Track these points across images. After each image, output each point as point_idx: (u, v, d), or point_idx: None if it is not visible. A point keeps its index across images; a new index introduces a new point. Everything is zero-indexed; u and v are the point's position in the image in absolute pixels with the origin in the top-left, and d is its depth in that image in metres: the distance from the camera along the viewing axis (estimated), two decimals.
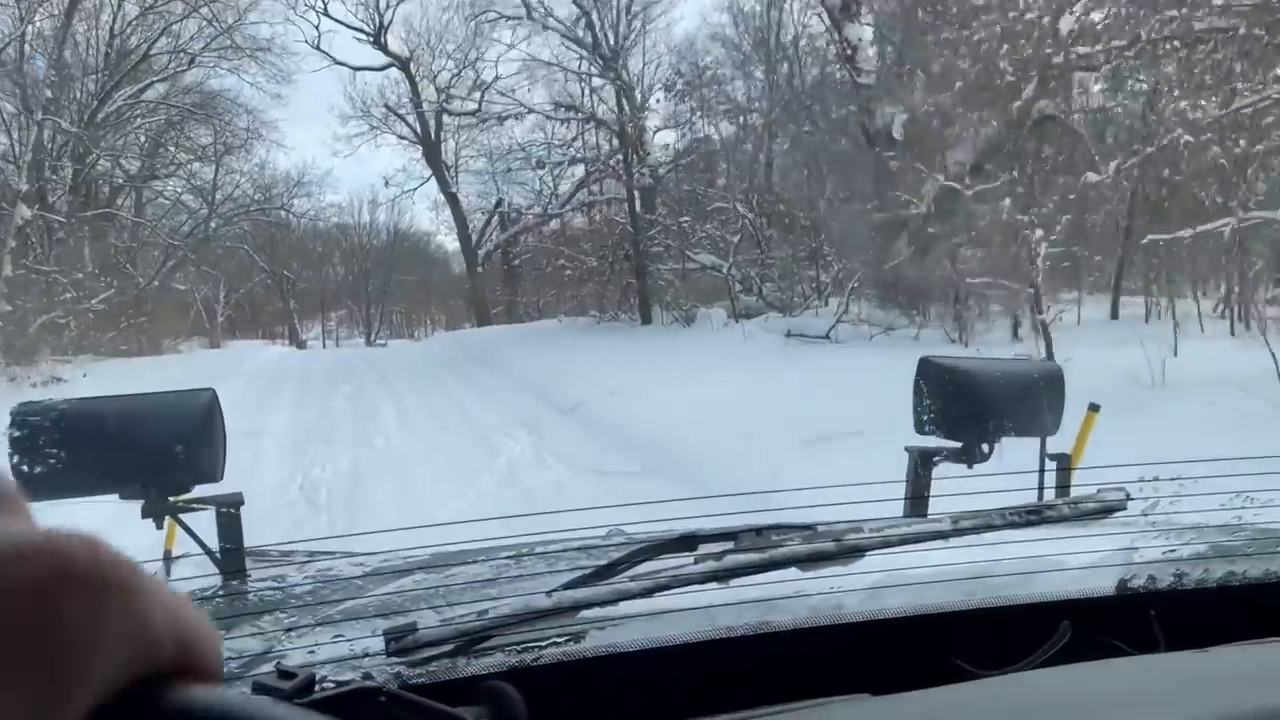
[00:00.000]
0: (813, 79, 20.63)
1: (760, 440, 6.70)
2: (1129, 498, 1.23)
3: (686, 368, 11.46)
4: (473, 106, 29.15)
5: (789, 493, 1.79)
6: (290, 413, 11.19)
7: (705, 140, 21.83)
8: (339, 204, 53.50)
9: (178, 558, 1.56)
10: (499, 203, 34.06)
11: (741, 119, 21.34)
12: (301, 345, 49.82)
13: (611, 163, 21.76)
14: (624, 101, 20.78)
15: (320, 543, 1.57)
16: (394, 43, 32.09)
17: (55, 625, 0.23)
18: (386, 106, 33.92)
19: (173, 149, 30.44)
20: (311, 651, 0.89)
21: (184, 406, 1.37)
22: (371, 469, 7.59)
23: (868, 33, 14.86)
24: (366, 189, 71.15)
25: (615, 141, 21.30)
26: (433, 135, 33.15)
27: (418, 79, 32.26)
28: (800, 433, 6.77)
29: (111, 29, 26.49)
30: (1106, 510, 1.20)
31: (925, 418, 1.61)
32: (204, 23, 27.45)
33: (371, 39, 31.88)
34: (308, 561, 1.47)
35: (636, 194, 20.06)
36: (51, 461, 1.25)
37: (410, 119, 33.34)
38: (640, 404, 9.20)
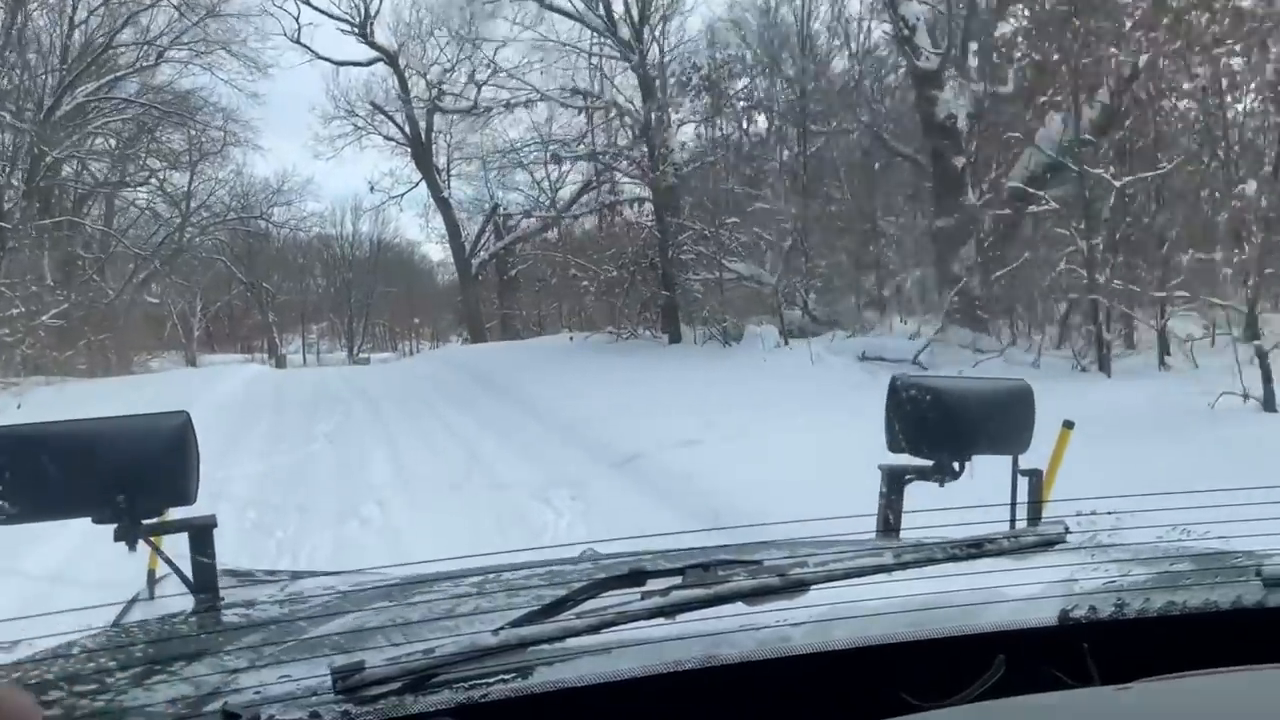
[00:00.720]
0: (856, 65, 18.41)
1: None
2: (1068, 530, 1.27)
3: (763, 401, 9.39)
4: (468, 103, 26.87)
5: (768, 526, 2.09)
6: (257, 463, 8.96)
7: (737, 133, 19.63)
8: (321, 212, 51.99)
9: (162, 577, 1.57)
10: (494, 208, 32.53)
11: (776, 110, 18.96)
12: (281, 362, 48.58)
13: (634, 157, 18.99)
14: (648, 88, 18.35)
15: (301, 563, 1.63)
16: (381, 35, 30.30)
17: None
18: (372, 104, 31.98)
19: (143, 154, 29.15)
20: (257, 692, 0.90)
21: (157, 428, 1.40)
22: (361, 558, 5.39)
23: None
24: (350, 196, 69.70)
25: (635, 133, 18.77)
26: (423, 136, 31.41)
27: (407, 74, 30.49)
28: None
29: (71, 19, 24.94)
30: (1047, 543, 1.23)
31: (897, 436, 1.65)
32: (174, 14, 26.00)
33: (356, 31, 29.95)
34: (284, 582, 1.51)
35: (656, 193, 17.78)
36: (21, 484, 1.28)
37: (399, 118, 31.60)
38: (730, 458, 7.04)
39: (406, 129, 31.52)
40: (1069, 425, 2.22)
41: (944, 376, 1.81)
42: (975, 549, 1.15)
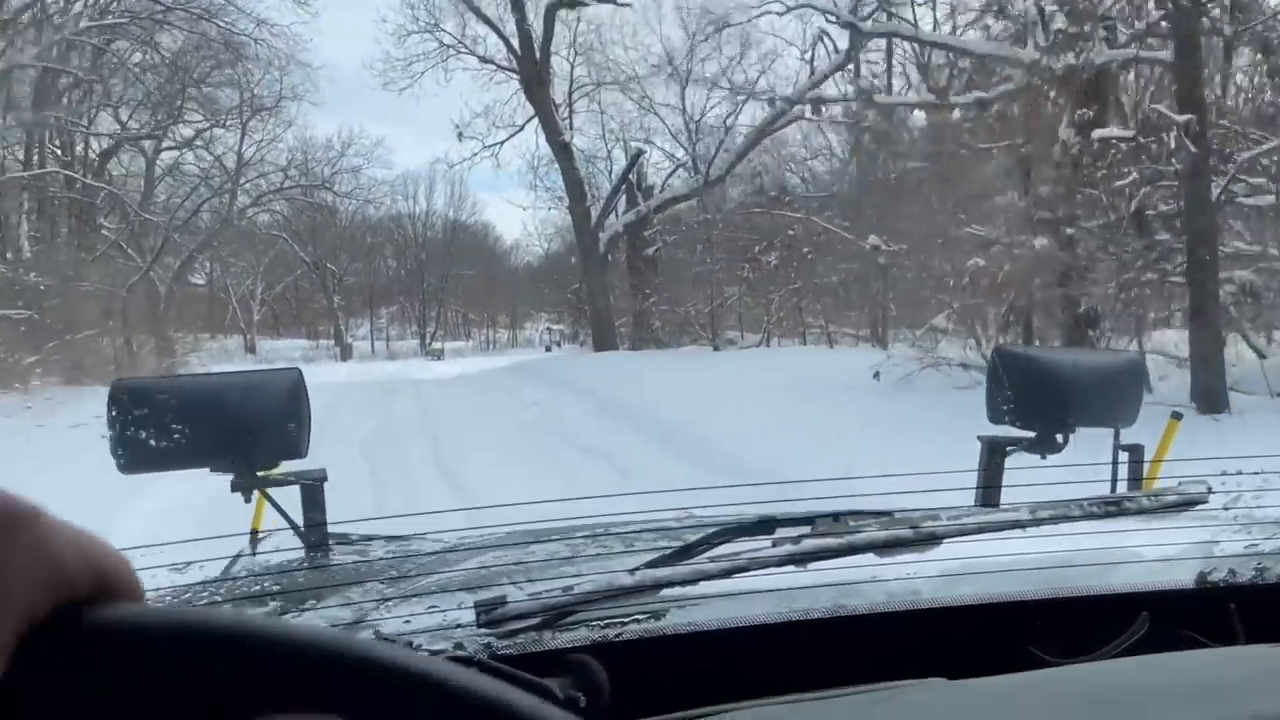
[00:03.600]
0: None
1: None
2: (1210, 491, 1.32)
3: None
4: None
5: (859, 480, 1.96)
6: None
7: None
8: (391, 181, 50.70)
9: (264, 536, 1.76)
10: (636, 156, 27.00)
11: None
12: (346, 353, 49.32)
13: None
14: None
15: (398, 524, 1.67)
16: None
17: None
18: (471, 6, 25.42)
19: (180, 103, 26.65)
20: (407, 621, 1.02)
21: (272, 384, 1.57)
22: None
23: None
24: (425, 163, 68.36)
25: None
26: (536, 51, 24.94)
27: None
28: None
29: None
30: (1187, 503, 1.29)
31: (1000, 407, 1.73)
32: None
33: None
34: (388, 541, 1.62)
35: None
36: (146, 436, 1.44)
37: (507, 26, 25.10)
38: None
39: (515, 43, 25.14)
40: (1177, 416, 2.29)
41: (1048, 347, 1.69)
42: (1113, 507, 1.23)
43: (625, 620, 1.02)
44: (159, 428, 1.45)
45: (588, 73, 27.79)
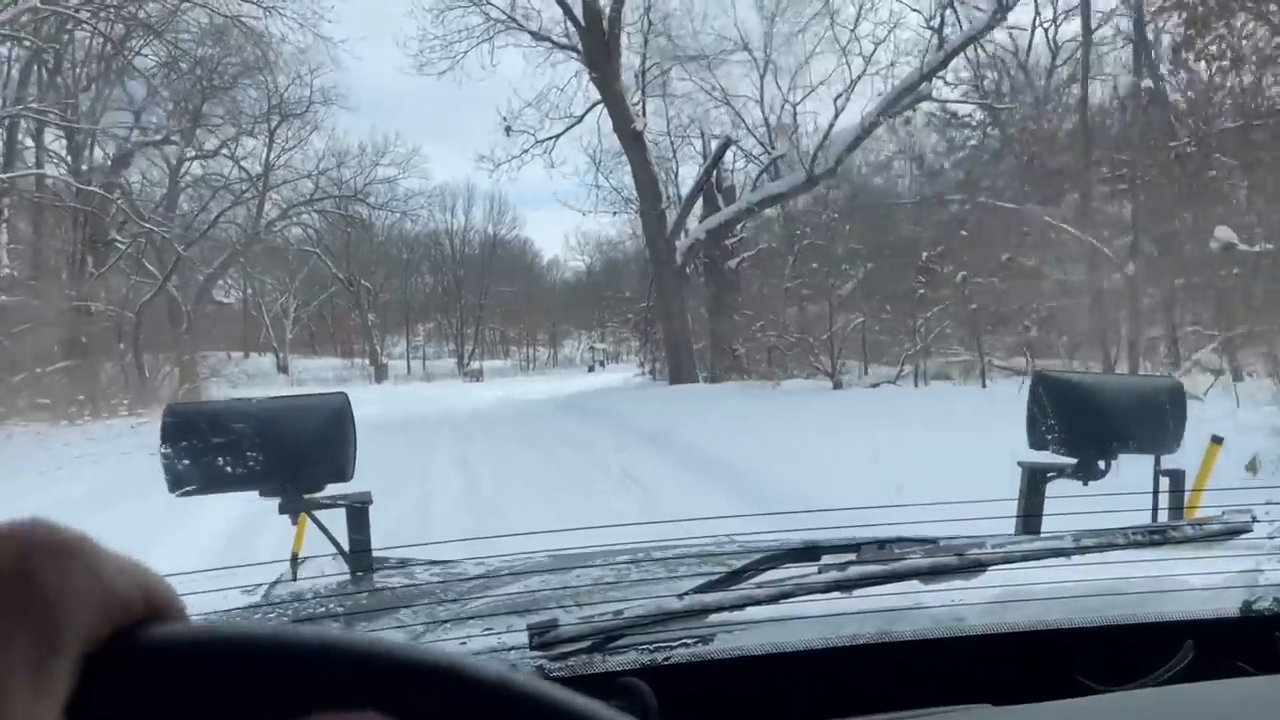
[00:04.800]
0: None
1: None
2: (1254, 520, 1.35)
3: None
4: None
5: (898, 508, 1.97)
6: None
7: None
8: (427, 192, 50.12)
9: (304, 560, 1.85)
10: (724, 147, 23.87)
11: None
12: (381, 373, 49.35)
13: None
14: None
15: (438, 550, 1.79)
16: None
17: (29, 587, 0.31)
18: None
19: (201, 102, 25.44)
20: (462, 643, 1.09)
21: (320, 408, 1.65)
22: None
23: None
24: (464, 172, 68.01)
25: None
26: (605, 23, 22.28)
27: None
28: None
29: None
30: (1231, 532, 1.32)
31: (1041, 434, 1.78)
32: None
33: None
34: (431, 564, 1.71)
35: None
36: (199, 458, 1.54)
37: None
38: None
39: (579, 13, 22.27)
40: (1218, 440, 2.31)
41: (1089, 372, 1.93)
42: (1157, 536, 1.26)
43: (674, 644, 1.08)
44: (211, 451, 1.55)
45: (659, 52, 24.49)
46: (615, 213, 29.22)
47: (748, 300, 22.01)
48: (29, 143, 22.91)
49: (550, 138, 24.08)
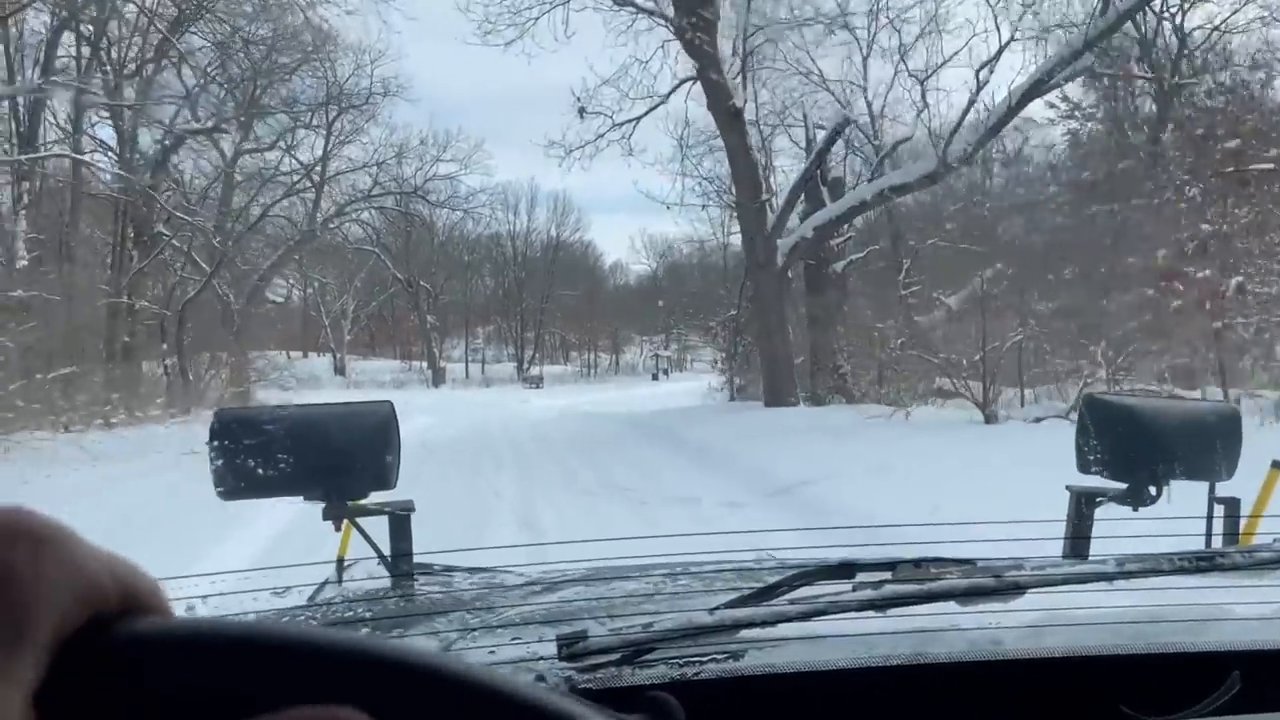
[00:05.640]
0: None
1: None
2: None
3: None
4: None
5: (939, 526, 2.16)
6: None
7: None
8: (489, 189, 49.85)
9: (350, 564, 1.91)
10: (840, 129, 20.83)
11: None
12: (439, 377, 49.55)
13: None
14: None
15: (479, 557, 1.80)
16: None
17: (1, 572, 0.32)
18: None
19: (255, 89, 25.09)
20: (491, 651, 1.12)
21: (366, 416, 1.72)
22: None
23: None
24: (526, 172, 67.73)
25: None
26: None
27: None
28: None
29: None
30: None
31: (1090, 457, 1.80)
32: None
33: None
34: (471, 573, 1.74)
35: None
36: (247, 463, 1.61)
37: None
38: None
39: None
40: (1278, 466, 2.33)
41: (1141, 396, 1.88)
42: (1205, 562, 1.25)
43: (704, 659, 1.10)
44: (258, 457, 1.62)
45: (762, 18, 21.49)
46: (704, 205, 27.13)
47: (855, 310, 20.24)
48: (67, 126, 22.29)
49: (629, 120, 21.18)
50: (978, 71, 17.46)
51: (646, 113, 21.19)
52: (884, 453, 11.10)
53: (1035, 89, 17.06)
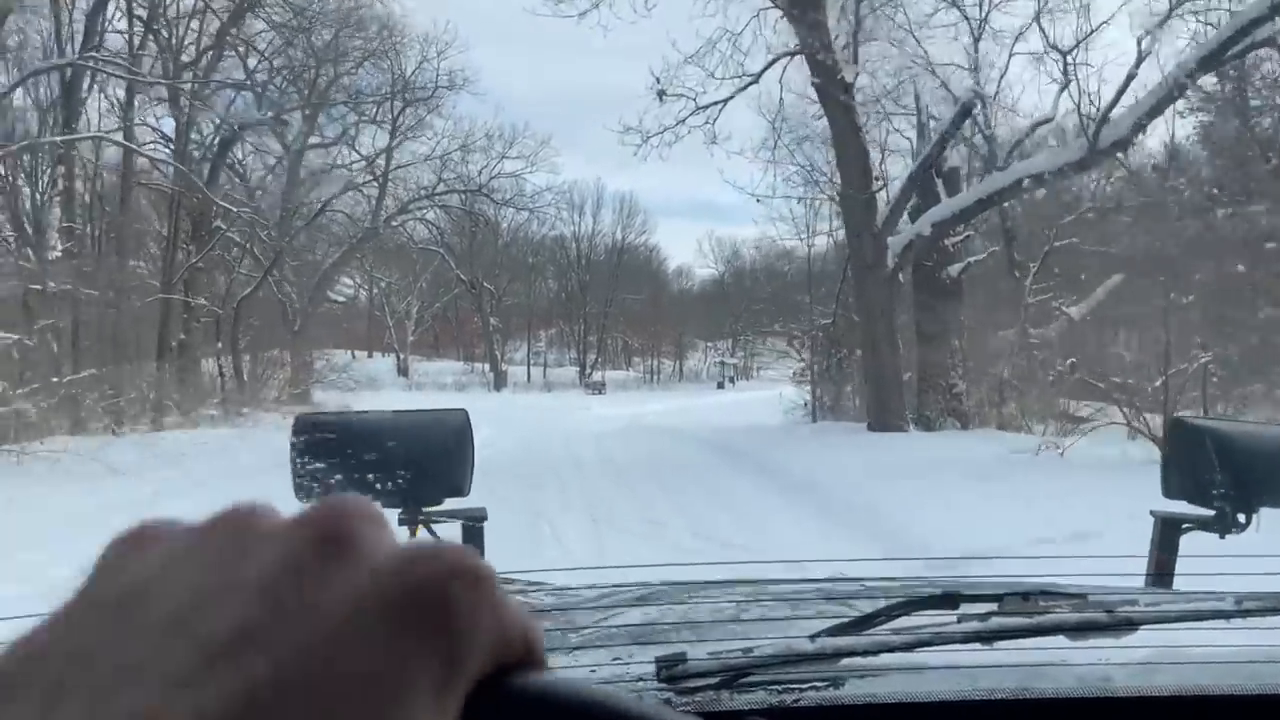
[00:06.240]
0: None
1: None
2: None
3: None
4: None
5: (1021, 560, 2.12)
6: None
7: None
8: (556, 186, 49.16)
9: None
10: (969, 109, 17.42)
11: None
12: (501, 380, 48.66)
13: None
14: None
15: (564, 576, 1.78)
16: None
17: (446, 611, 0.33)
18: None
19: (316, 73, 24.27)
20: (592, 670, 1.10)
21: (441, 424, 1.75)
22: None
23: None
24: (592, 173, 66.47)
25: None
26: None
27: None
28: None
29: None
30: None
31: (1176, 482, 1.77)
32: None
33: None
34: (557, 590, 1.72)
35: None
36: (326, 467, 1.63)
37: None
38: None
39: None
40: None
41: (1230, 419, 1.87)
42: None
43: (803, 686, 1.07)
44: (337, 461, 1.63)
45: None
46: (800, 199, 23.87)
47: (973, 319, 17.98)
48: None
49: (715, 103, 18.62)
50: (1139, 40, 14.69)
51: (736, 93, 18.47)
52: (1065, 509, 8.55)
53: (1210, 60, 14.38)
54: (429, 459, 1.67)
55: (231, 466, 12.83)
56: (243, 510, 0.35)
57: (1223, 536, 1.71)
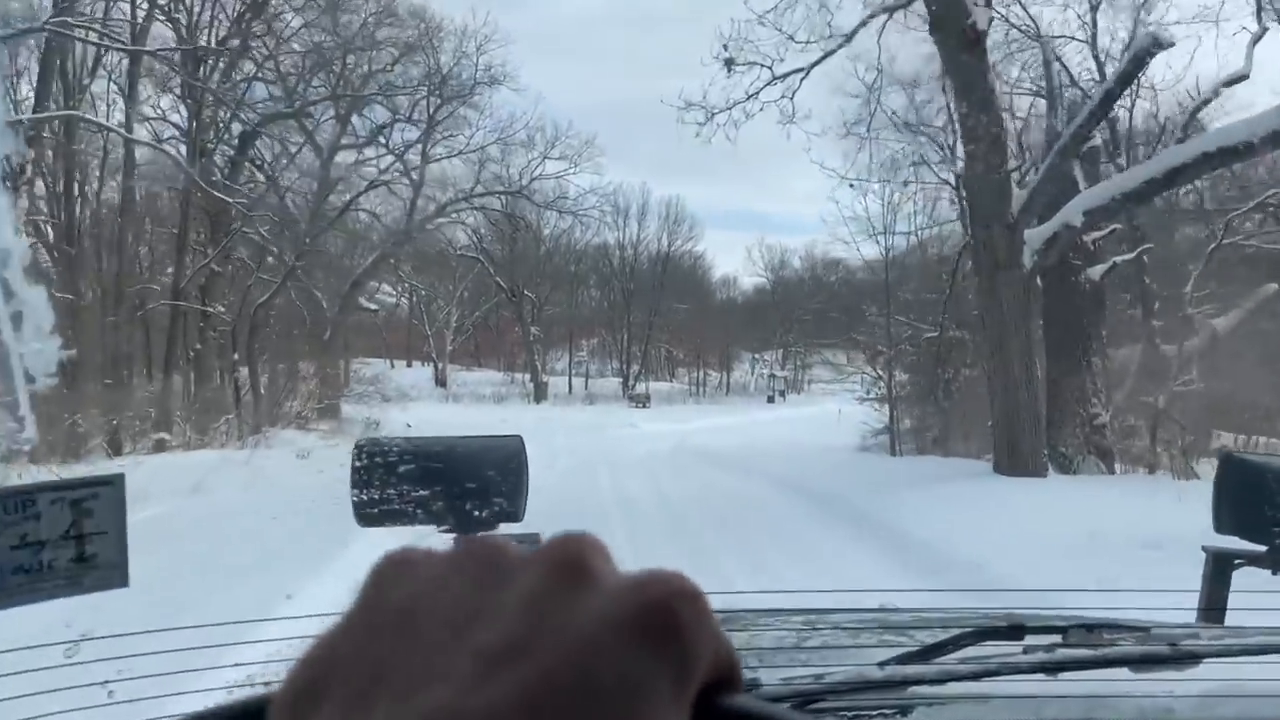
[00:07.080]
0: None
1: None
2: None
3: None
4: None
5: (1070, 593, 2.08)
6: None
7: None
8: (600, 188, 47.22)
9: None
10: (1148, 53, 10.74)
11: None
12: (541, 391, 46.16)
13: None
14: None
15: None
16: None
17: (674, 627, 0.35)
18: None
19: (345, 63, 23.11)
20: None
21: (497, 449, 1.74)
22: None
23: None
24: (639, 169, 63.68)
25: None
26: None
27: None
28: None
29: None
30: None
31: (1227, 517, 1.72)
32: None
33: None
34: None
35: None
36: (385, 492, 1.62)
37: None
38: None
39: None
40: None
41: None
42: None
43: (871, 713, 1.08)
44: (396, 486, 1.62)
45: None
46: (908, 182, 20.24)
47: (1120, 331, 14.95)
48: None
49: (795, 71, 15.18)
50: None
51: (824, 57, 15.01)
52: None
53: None
54: (485, 485, 1.68)
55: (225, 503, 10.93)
56: (490, 543, 0.39)
57: (1275, 572, 1.70)
